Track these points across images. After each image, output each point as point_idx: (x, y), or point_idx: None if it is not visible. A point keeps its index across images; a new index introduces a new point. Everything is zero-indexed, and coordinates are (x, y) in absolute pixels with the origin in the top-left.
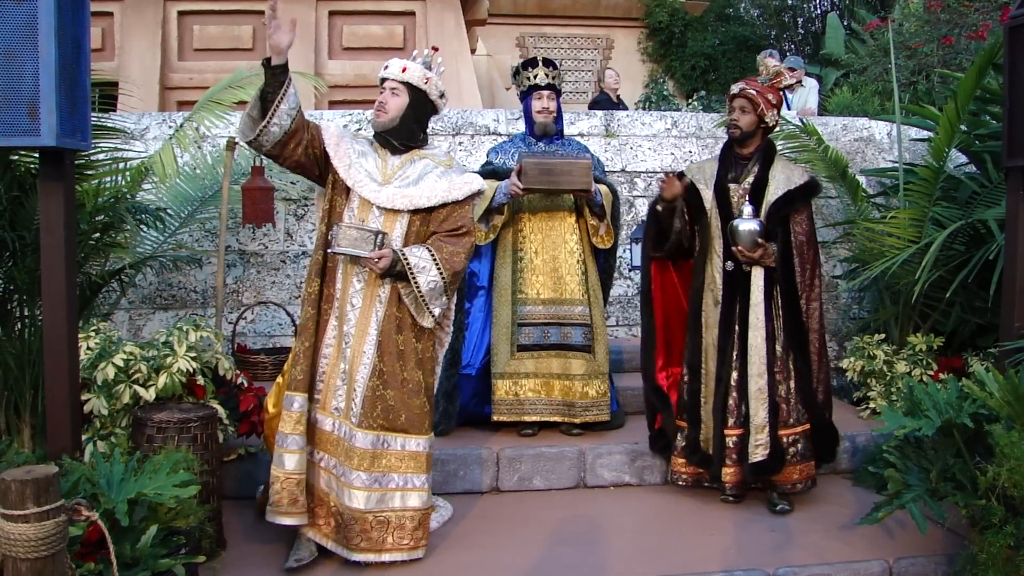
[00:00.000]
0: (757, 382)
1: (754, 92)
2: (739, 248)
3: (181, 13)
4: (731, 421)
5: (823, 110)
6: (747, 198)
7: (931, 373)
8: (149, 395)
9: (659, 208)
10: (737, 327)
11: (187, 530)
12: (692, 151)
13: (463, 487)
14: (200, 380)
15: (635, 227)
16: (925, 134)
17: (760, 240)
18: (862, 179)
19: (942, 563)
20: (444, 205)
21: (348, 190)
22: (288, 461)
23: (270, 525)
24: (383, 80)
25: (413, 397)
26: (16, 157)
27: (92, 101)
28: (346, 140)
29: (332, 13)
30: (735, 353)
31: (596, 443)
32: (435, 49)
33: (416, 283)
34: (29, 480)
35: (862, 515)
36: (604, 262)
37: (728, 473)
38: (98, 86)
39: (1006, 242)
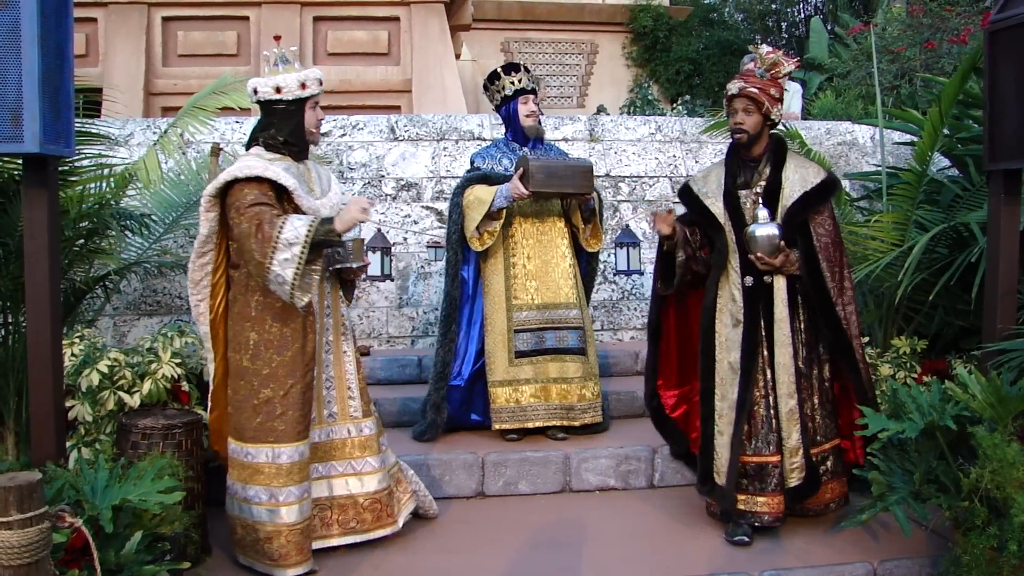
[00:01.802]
0: (787, 403)
1: (756, 90)
2: (758, 255)
3: (165, 19)
4: (771, 448)
5: (807, 114)
6: (761, 202)
7: (915, 376)
8: (134, 401)
9: (665, 247)
10: (764, 346)
11: (172, 536)
12: (676, 155)
13: (448, 492)
14: (185, 386)
15: (619, 232)
16: (908, 138)
17: (781, 244)
18: (846, 183)
19: (926, 565)
20: None
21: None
22: (288, 514)
23: None
24: (314, 96)
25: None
26: None
27: (76, 107)
28: (281, 171)
29: (317, 19)
30: (768, 374)
31: (581, 447)
32: (277, 39)
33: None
34: (12, 486)
35: (847, 518)
36: (587, 265)
37: (774, 502)
38: (82, 92)
39: (988, 245)
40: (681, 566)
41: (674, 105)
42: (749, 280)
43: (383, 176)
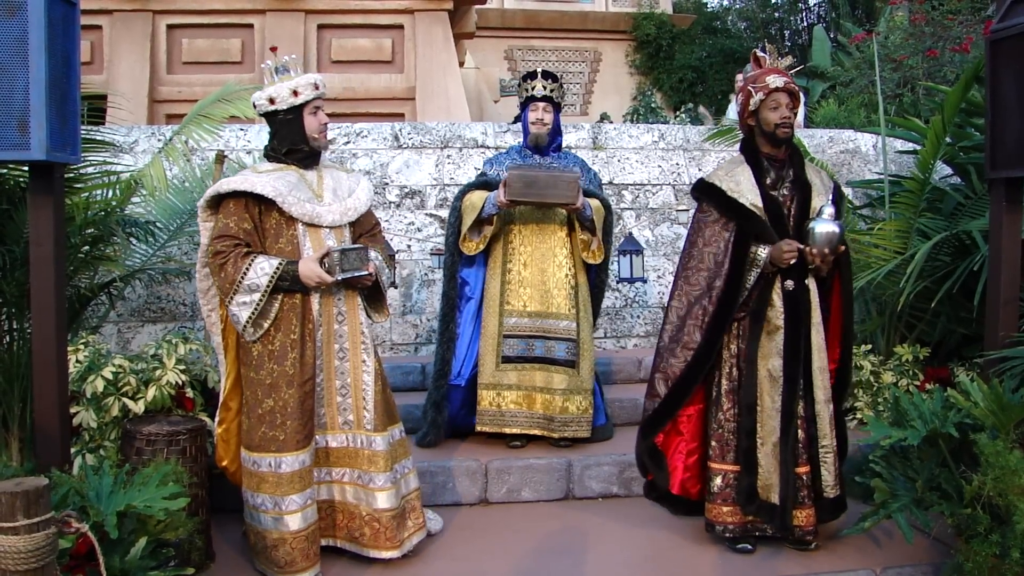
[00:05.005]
0: (827, 408)
1: (796, 87)
2: (821, 252)
3: (170, 27)
4: (804, 457)
5: (810, 122)
6: (829, 199)
7: (917, 383)
8: (138, 408)
9: (764, 270)
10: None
11: (176, 542)
12: (679, 163)
13: (451, 499)
14: (189, 393)
15: (622, 239)
16: (910, 146)
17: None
18: (848, 191)
19: (928, 572)
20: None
21: (287, 225)
22: (292, 521)
23: None
24: (315, 99)
25: (388, 387)
26: (5, 171)
27: (81, 115)
28: (267, 181)
29: (321, 26)
30: (801, 381)
31: (584, 455)
32: (273, 50)
33: (381, 282)
34: (19, 492)
35: (849, 525)
36: (596, 277)
37: (803, 515)
38: (87, 100)
39: (990, 253)
40: (685, 574)
41: (677, 113)
42: (790, 284)
43: (387, 184)
